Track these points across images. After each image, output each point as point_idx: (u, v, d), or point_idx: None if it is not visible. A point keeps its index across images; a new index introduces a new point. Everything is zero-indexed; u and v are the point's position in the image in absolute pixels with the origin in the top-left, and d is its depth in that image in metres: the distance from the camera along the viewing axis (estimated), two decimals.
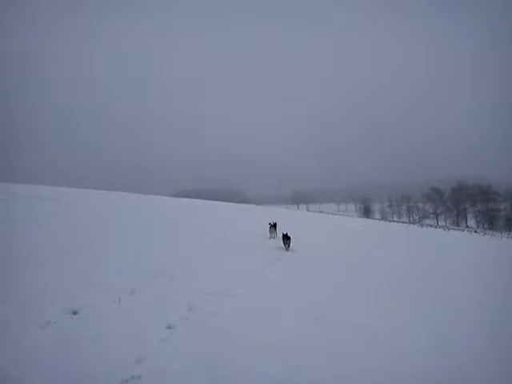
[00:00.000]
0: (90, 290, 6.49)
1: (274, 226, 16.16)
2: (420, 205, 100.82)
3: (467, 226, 76.89)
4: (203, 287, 7.54)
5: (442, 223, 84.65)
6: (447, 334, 6.33)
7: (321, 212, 70.56)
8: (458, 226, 79.64)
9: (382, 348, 5.53)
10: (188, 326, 5.47)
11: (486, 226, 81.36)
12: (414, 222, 79.47)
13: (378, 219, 79.86)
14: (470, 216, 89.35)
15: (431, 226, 56.60)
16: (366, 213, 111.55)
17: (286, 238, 13.72)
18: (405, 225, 45.79)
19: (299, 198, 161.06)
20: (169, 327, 5.36)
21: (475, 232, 43.51)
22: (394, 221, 78.17)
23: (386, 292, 8.99)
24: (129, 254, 9.57)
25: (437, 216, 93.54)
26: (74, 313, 5.43)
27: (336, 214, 66.50)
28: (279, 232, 15.36)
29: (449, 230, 43.97)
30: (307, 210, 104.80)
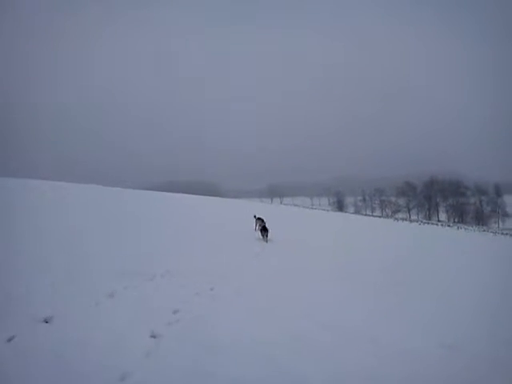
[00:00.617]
0: (64, 292, 5.87)
1: (259, 219, 16.10)
2: (393, 199, 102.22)
3: (439, 220, 78.65)
4: (186, 288, 7.04)
5: (414, 217, 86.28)
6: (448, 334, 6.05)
7: (296, 206, 70.64)
8: (429, 219, 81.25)
9: (378, 347, 5.24)
10: (174, 334, 4.94)
11: (456, 219, 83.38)
12: (386, 216, 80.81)
13: (352, 213, 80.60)
14: (440, 210, 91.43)
15: (405, 219, 57.56)
16: (340, 207, 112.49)
17: (264, 229, 14.22)
18: (381, 219, 46.29)
19: (273, 192, 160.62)
20: (153, 336, 4.81)
21: (449, 226, 44.32)
22: (367, 215, 79.17)
23: (378, 287, 8.83)
24: (104, 252, 8.96)
25: (409, 210, 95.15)
26: (46, 321, 4.81)
27: (313, 208, 66.75)
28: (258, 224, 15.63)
29: (423, 223, 44.63)
30: (280, 204, 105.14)
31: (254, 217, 16.48)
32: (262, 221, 15.80)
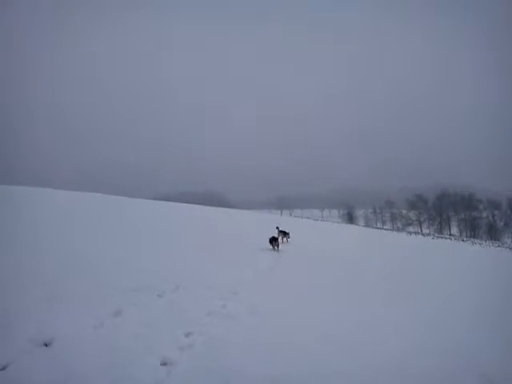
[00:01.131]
0: (66, 310, 5.40)
1: (282, 232, 16.73)
2: (404, 211, 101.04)
3: (450, 234, 77.43)
4: (198, 306, 6.57)
5: (425, 231, 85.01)
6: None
7: (306, 218, 69.91)
8: (441, 233, 80.00)
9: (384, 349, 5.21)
10: (187, 361, 4.46)
11: (468, 233, 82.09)
12: (397, 230, 79.68)
13: (363, 226, 79.72)
14: (452, 224, 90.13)
15: (417, 233, 56.66)
16: (350, 219, 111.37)
17: (274, 239, 14.50)
18: (392, 232, 45.53)
19: (283, 204, 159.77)
20: (164, 363, 4.34)
21: (462, 241, 43.41)
22: (378, 228, 78.16)
23: (386, 298, 8.63)
24: (110, 265, 8.45)
25: (420, 223, 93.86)
26: (46, 344, 4.35)
27: (323, 221, 66.18)
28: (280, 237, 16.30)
29: (436, 238, 43.71)
30: (290, 215, 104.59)
31: (277, 228, 16.73)
32: (285, 233, 16.44)
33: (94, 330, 4.92)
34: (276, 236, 14.75)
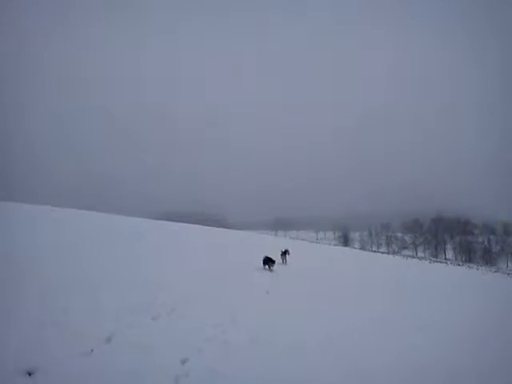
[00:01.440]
0: (53, 336, 5.00)
1: (284, 252, 17.22)
2: (399, 235, 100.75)
3: (445, 258, 77.12)
4: (195, 331, 6.22)
5: (420, 254, 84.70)
6: None
7: (302, 240, 69.58)
8: (436, 257, 79.67)
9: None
10: None
11: (463, 258, 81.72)
12: (393, 253, 79.35)
13: (358, 248, 79.47)
14: (447, 247, 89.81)
15: (412, 257, 56.37)
16: (345, 241, 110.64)
17: (269, 260, 14.37)
18: (389, 256, 45.21)
19: (279, 225, 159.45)
20: None
21: (458, 265, 43.17)
22: (373, 251, 77.84)
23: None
24: (102, 286, 7.99)
25: (415, 247, 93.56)
26: (29, 373, 3.98)
27: (320, 243, 65.85)
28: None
29: (433, 262, 43.45)
30: (285, 237, 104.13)
31: (281, 251, 17.21)
32: (285, 253, 16.98)
33: (83, 358, 4.55)
34: (269, 256, 14.52)
